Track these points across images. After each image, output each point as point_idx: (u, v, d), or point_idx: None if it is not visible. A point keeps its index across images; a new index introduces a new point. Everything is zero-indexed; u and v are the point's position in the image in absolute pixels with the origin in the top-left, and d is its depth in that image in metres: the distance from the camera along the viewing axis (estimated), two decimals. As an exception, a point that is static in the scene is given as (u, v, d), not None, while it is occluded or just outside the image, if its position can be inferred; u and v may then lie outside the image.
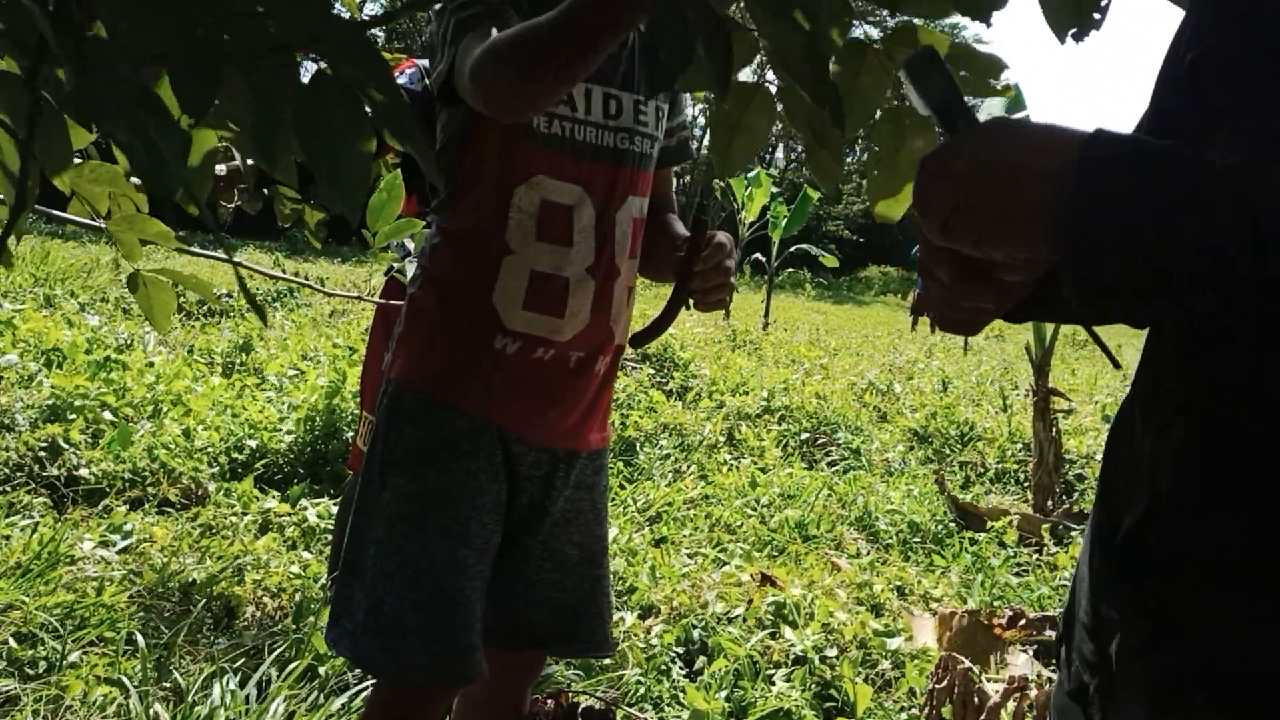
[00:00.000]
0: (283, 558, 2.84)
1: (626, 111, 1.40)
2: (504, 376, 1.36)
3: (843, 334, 12.67)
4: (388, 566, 1.33)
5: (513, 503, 1.42)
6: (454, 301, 1.37)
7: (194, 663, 2.21)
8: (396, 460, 1.35)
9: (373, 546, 1.36)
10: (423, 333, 1.39)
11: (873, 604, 3.10)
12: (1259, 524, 0.66)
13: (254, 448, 3.74)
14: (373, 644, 1.33)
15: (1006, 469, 5.37)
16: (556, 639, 1.51)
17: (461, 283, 1.37)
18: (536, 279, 1.35)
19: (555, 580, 1.48)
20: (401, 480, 1.35)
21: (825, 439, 5.56)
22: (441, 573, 1.33)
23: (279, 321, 7.29)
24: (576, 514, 1.48)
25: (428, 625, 1.32)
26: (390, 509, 1.34)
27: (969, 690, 2.15)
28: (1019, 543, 3.92)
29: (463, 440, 1.35)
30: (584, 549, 1.49)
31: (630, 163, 1.42)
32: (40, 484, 3.19)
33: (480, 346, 1.36)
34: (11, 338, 4.78)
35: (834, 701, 2.39)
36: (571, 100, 1.35)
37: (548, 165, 1.34)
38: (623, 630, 2.73)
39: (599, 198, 1.38)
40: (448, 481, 1.34)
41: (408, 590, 1.32)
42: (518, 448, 1.40)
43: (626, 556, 3.25)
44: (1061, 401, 4.62)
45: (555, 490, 1.44)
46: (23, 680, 2.03)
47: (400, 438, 1.36)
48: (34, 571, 2.45)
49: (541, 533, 1.45)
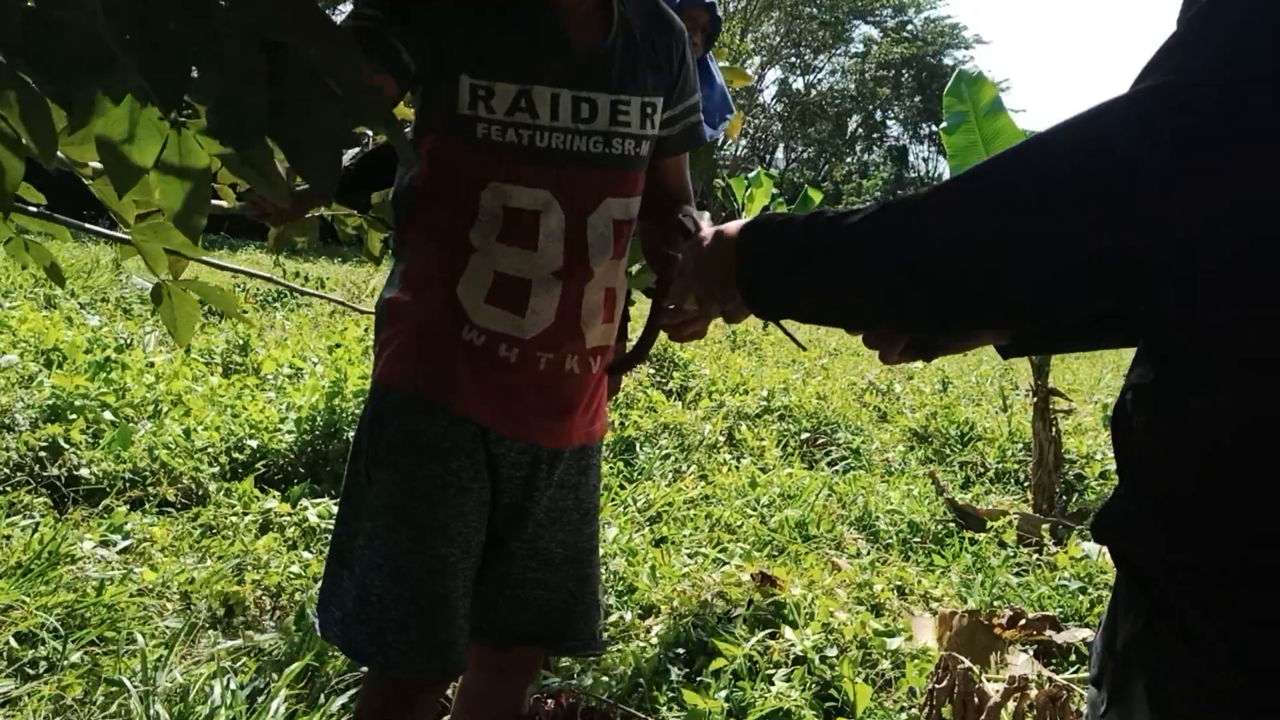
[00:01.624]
0: (283, 558, 2.84)
1: (602, 114, 1.37)
2: (475, 370, 1.38)
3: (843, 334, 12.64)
4: (374, 559, 1.36)
5: (495, 503, 1.43)
6: (425, 294, 1.39)
7: (194, 663, 2.21)
8: (381, 457, 1.38)
9: (362, 538, 1.38)
10: (399, 332, 1.41)
11: (873, 604, 3.10)
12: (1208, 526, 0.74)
13: (254, 448, 3.74)
14: (360, 634, 1.36)
15: (1006, 469, 5.37)
16: (544, 638, 1.51)
17: (432, 276, 1.39)
18: (500, 278, 1.37)
19: (541, 579, 1.48)
20: (385, 476, 1.37)
21: (825, 439, 5.57)
22: (422, 568, 1.35)
23: (279, 322, 7.29)
24: (560, 513, 1.48)
25: (408, 619, 1.35)
26: (376, 503, 1.37)
27: (969, 690, 2.15)
28: (1019, 543, 3.92)
29: (442, 438, 1.37)
30: (569, 547, 1.49)
31: (609, 165, 1.39)
32: (40, 484, 3.19)
33: (450, 338, 1.38)
34: (11, 337, 4.79)
35: (834, 701, 2.38)
36: (532, 107, 1.32)
37: (504, 172, 1.34)
38: (623, 630, 2.73)
39: (570, 202, 1.37)
40: (428, 479, 1.36)
41: (392, 584, 1.35)
42: (498, 447, 1.41)
43: (626, 556, 3.25)
44: (1061, 401, 4.62)
45: (538, 491, 1.45)
46: (23, 680, 2.03)
47: (384, 435, 1.38)
48: (34, 571, 2.45)
49: (526, 533, 1.46)
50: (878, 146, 39.72)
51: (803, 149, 35.80)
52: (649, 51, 1.42)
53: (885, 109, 37.32)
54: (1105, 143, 0.70)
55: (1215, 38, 0.69)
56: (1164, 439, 0.78)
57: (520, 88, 1.31)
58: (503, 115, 1.31)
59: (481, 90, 1.30)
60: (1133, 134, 0.69)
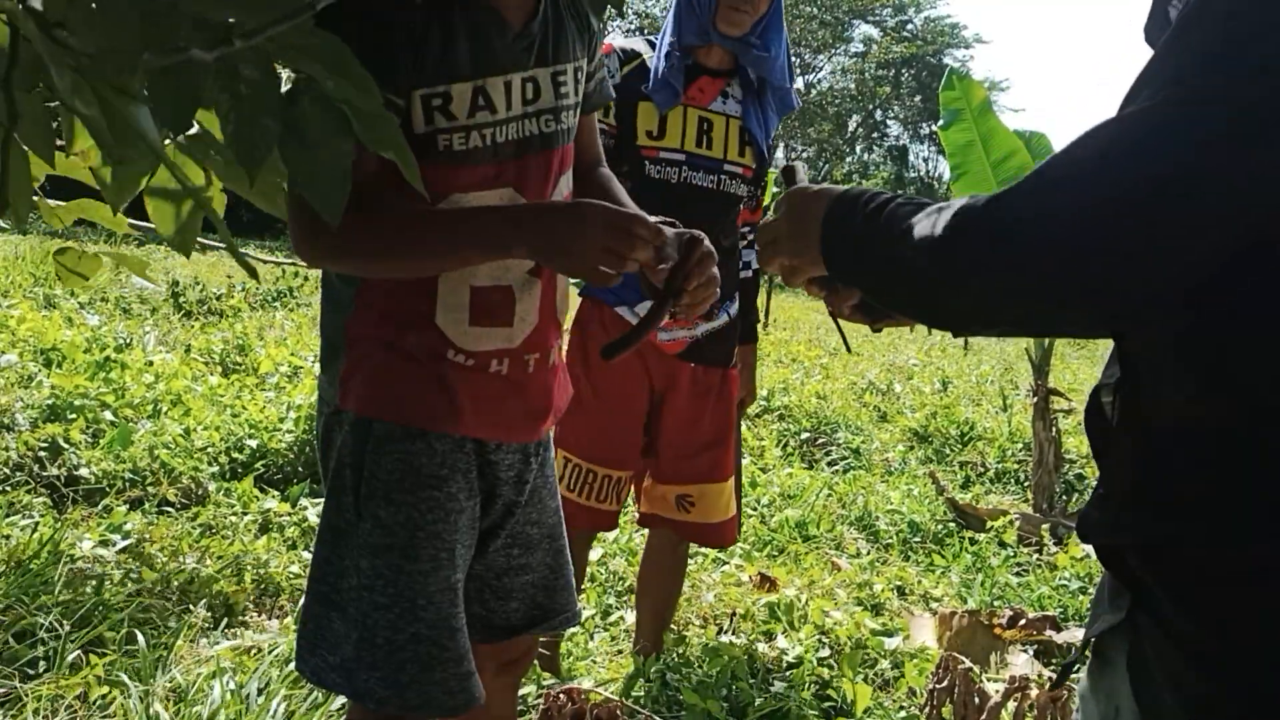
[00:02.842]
0: (283, 557, 2.83)
1: (545, 90, 1.32)
2: (466, 389, 1.32)
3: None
4: (378, 599, 1.29)
5: (488, 507, 1.40)
6: (399, 323, 1.31)
7: (194, 663, 2.21)
8: (376, 492, 1.30)
9: (355, 577, 1.31)
10: (367, 359, 1.32)
11: (873, 604, 3.10)
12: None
13: (254, 447, 3.74)
14: (370, 679, 1.29)
15: (1006, 469, 5.37)
16: (531, 621, 1.49)
17: (402, 305, 1.31)
18: (477, 294, 1.30)
19: (524, 564, 1.46)
20: (383, 511, 1.29)
21: (825, 439, 5.57)
22: (439, 603, 1.30)
23: (278, 321, 7.29)
24: (534, 494, 1.46)
25: (430, 658, 1.30)
26: (373, 540, 1.30)
27: (969, 690, 2.15)
28: (1019, 543, 3.92)
29: (441, 465, 1.31)
30: (543, 525, 1.48)
31: (560, 141, 1.35)
32: (40, 484, 3.18)
33: (437, 362, 1.31)
34: (11, 337, 4.78)
35: (833, 701, 2.38)
36: (490, 103, 1.27)
37: (467, 181, 1.27)
38: (623, 629, 2.73)
39: (532, 192, 1.32)
40: (432, 510, 1.30)
41: (405, 622, 1.29)
42: (496, 454, 1.38)
43: (626, 556, 3.25)
44: (1061, 401, 4.62)
45: (527, 483, 1.43)
46: (23, 680, 2.03)
47: (377, 468, 1.30)
48: (34, 571, 2.45)
49: (509, 524, 1.44)
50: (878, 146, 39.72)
51: (803, 148, 35.78)
52: (571, 13, 1.37)
53: (885, 108, 37.33)
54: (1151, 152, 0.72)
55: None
56: (1127, 436, 0.83)
57: (475, 84, 1.25)
58: (464, 119, 1.25)
59: (437, 100, 1.24)
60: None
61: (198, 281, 8.55)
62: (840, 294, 1.10)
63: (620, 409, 2.26)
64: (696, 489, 2.34)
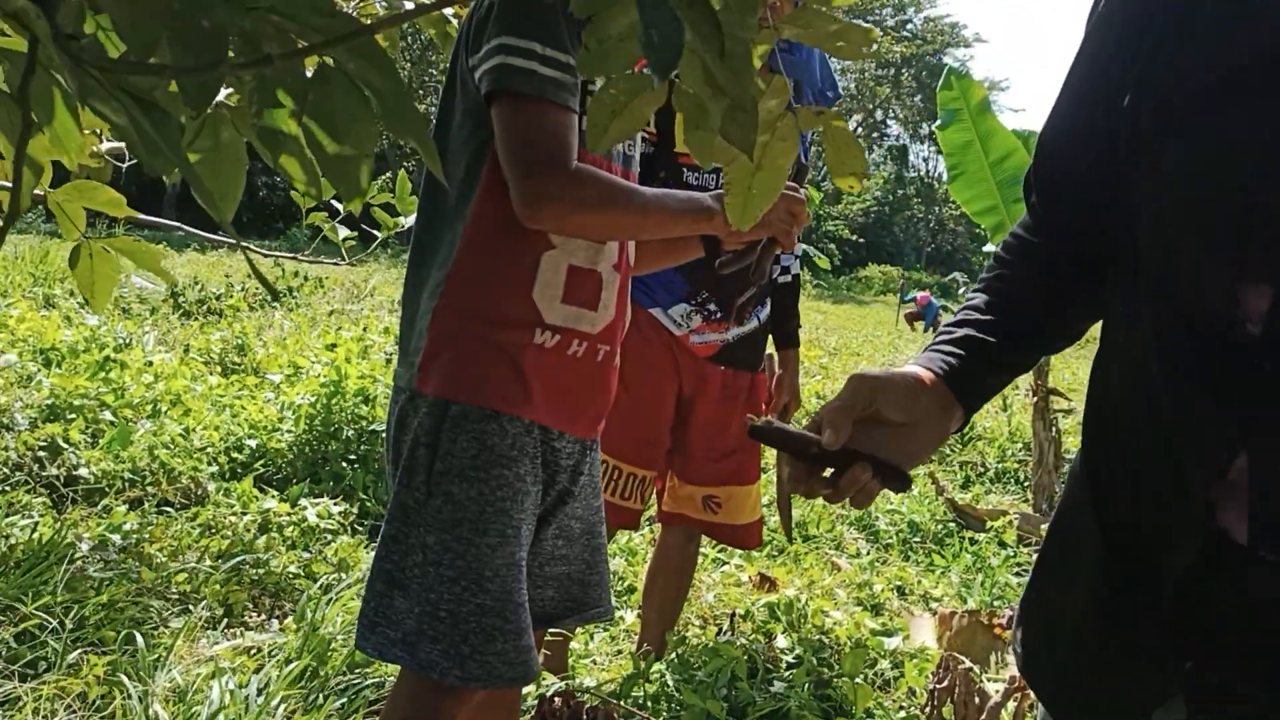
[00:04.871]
0: (282, 557, 2.83)
1: None
2: (543, 374, 1.39)
3: (843, 333, 12.68)
4: (445, 573, 1.34)
5: (546, 494, 1.47)
6: (492, 301, 1.38)
7: (194, 663, 2.21)
8: (450, 469, 1.35)
9: (420, 554, 1.36)
10: (454, 340, 1.38)
11: (873, 604, 3.10)
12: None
13: (253, 447, 3.74)
14: (432, 650, 1.34)
15: (1006, 469, 5.37)
16: (565, 611, 1.55)
17: (498, 281, 1.38)
18: (573, 273, 1.39)
19: (564, 555, 1.53)
20: (456, 488, 1.35)
21: (825, 439, 5.56)
22: (505, 577, 1.36)
23: (277, 321, 7.29)
24: (583, 488, 1.54)
25: (493, 630, 1.34)
26: (443, 516, 1.35)
27: (969, 690, 2.15)
28: (1019, 543, 3.92)
29: (511, 447, 1.38)
30: (585, 521, 1.55)
31: (632, 166, 1.51)
32: (40, 483, 3.18)
33: (520, 344, 1.38)
34: (10, 337, 4.78)
35: (833, 701, 2.38)
36: None
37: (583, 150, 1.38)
38: (623, 629, 2.73)
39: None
40: (502, 488, 1.37)
41: (470, 594, 1.34)
42: (559, 442, 1.45)
43: (626, 556, 3.25)
44: (1061, 401, 4.62)
45: (583, 475, 1.51)
46: (22, 680, 2.03)
47: (453, 446, 1.35)
48: (34, 571, 2.45)
49: (559, 514, 1.50)
50: (878, 146, 39.74)
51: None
52: None
53: (885, 108, 37.32)
54: None
55: None
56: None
57: None
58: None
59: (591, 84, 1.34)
60: None
61: (197, 281, 8.55)
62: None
63: (651, 410, 2.30)
64: (724, 490, 2.38)
